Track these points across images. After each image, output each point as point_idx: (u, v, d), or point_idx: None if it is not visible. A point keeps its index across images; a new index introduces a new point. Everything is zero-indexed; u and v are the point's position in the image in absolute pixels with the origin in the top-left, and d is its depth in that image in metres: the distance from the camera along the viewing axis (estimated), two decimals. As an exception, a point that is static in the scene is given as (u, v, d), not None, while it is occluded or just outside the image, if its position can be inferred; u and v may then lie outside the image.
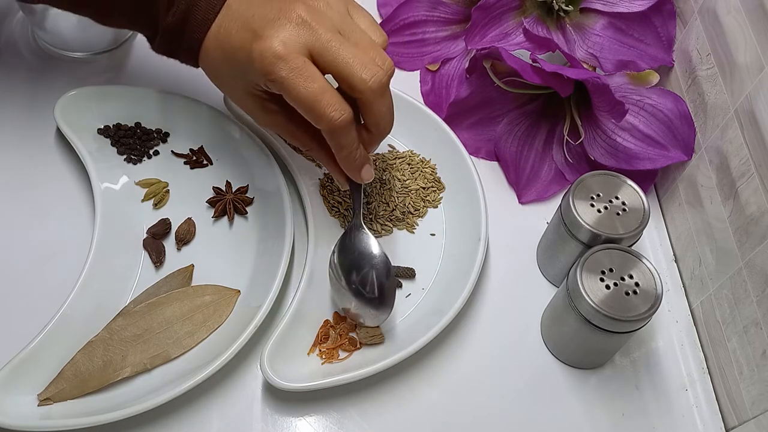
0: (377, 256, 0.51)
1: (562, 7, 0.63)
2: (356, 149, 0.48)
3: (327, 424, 0.50)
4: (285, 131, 0.50)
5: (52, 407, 0.47)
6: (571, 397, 0.53)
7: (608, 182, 0.53)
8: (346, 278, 0.51)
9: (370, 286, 0.50)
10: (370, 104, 0.46)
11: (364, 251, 0.51)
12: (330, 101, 0.44)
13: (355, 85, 0.45)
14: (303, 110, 0.45)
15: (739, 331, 0.50)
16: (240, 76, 0.47)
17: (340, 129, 0.45)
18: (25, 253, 0.55)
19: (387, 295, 0.51)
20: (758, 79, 0.49)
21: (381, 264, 0.51)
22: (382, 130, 0.48)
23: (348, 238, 0.52)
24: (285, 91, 0.44)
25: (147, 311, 0.52)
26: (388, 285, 0.50)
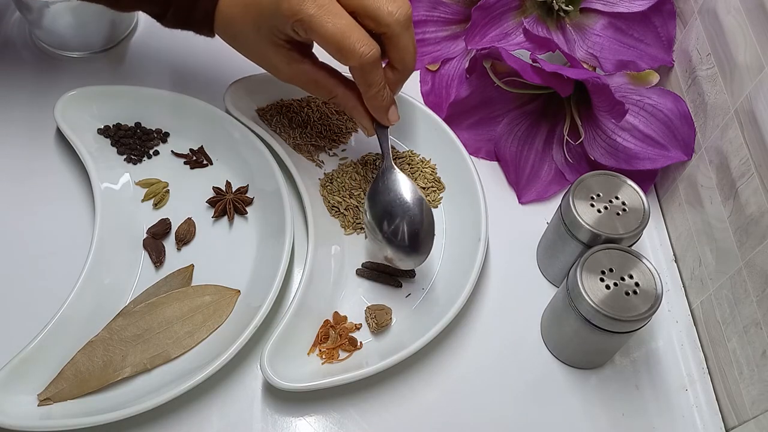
0: (410, 202, 0.51)
1: (562, 7, 0.63)
2: (383, 88, 0.49)
3: (327, 424, 0.50)
4: (309, 80, 0.50)
5: (52, 407, 0.47)
6: (571, 397, 0.53)
7: (608, 182, 0.53)
8: (379, 227, 0.51)
9: (401, 234, 0.50)
10: (396, 38, 0.47)
11: (397, 194, 0.51)
12: (359, 37, 0.45)
13: (382, 18, 0.45)
14: (332, 47, 0.45)
15: (739, 331, 0.50)
16: (264, 27, 0.47)
17: (370, 65, 0.46)
18: (25, 253, 0.55)
19: (423, 242, 0.50)
20: (758, 79, 0.49)
21: (415, 209, 0.50)
22: (407, 65, 0.49)
23: (381, 181, 0.52)
24: (313, 30, 0.44)
25: (147, 311, 0.52)
26: (423, 231, 0.50)
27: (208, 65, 0.68)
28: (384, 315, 0.53)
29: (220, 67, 0.67)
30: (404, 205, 0.50)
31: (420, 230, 0.50)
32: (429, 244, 0.51)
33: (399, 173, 0.52)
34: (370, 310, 0.54)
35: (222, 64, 0.68)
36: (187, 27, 0.51)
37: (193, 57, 0.68)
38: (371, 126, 0.53)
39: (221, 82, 0.62)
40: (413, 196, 0.51)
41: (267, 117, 0.63)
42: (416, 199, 0.51)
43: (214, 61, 0.68)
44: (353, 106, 0.52)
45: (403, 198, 0.51)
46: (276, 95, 0.64)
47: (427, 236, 0.50)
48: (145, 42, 0.69)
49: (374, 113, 0.51)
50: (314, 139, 0.63)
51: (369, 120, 0.52)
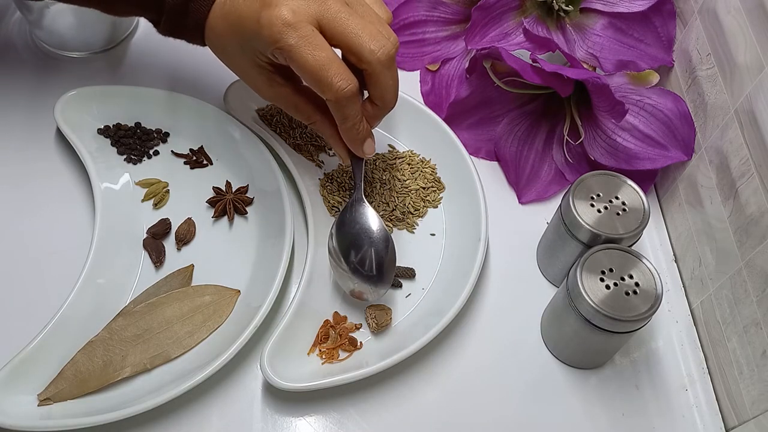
0: (376, 231, 0.51)
1: (562, 7, 0.63)
2: (360, 122, 0.49)
3: (327, 424, 0.50)
4: (289, 104, 0.51)
5: (52, 407, 0.47)
6: (571, 397, 0.53)
7: (608, 182, 0.53)
8: (345, 257, 0.51)
9: (369, 263, 0.51)
10: (377, 76, 0.47)
11: (364, 226, 0.52)
12: (337, 71, 0.44)
13: (364, 56, 0.45)
14: (310, 79, 0.45)
15: (739, 331, 0.50)
16: (246, 47, 0.47)
17: (346, 99, 0.46)
18: (25, 253, 0.55)
19: (386, 272, 0.51)
20: (758, 79, 0.49)
21: (380, 239, 0.51)
22: (387, 103, 0.49)
23: (348, 212, 0.53)
24: (292, 60, 0.44)
25: (147, 311, 0.52)
26: (387, 261, 0.51)
27: (208, 65, 0.68)
28: (384, 315, 0.53)
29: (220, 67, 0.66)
30: (371, 237, 0.51)
31: (384, 261, 0.51)
32: (391, 274, 0.52)
33: (368, 207, 0.53)
34: (370, 310, 0.54)
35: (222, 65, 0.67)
36: (180, 35, 0.52)
37: (193, 57, 0.68)
38: (346, 156, 0.53)
39: (221, 82, 0.62)
40: (379, 229, 0.52)
41: (267, 117, 0.63)
42: (382, 232, 0.52)
43: (214, 62, 0.68)
44: (330, 135, 0.52)
45: (370, 229, 0.52)
46: (276, 95, 0.64)
47: (390, 267, 0.51)
48: (145, 42, 0.69)
49: (349, 145, 0.51)
50: (314, 139, 0.63)
51: (345, 150, 0.52)
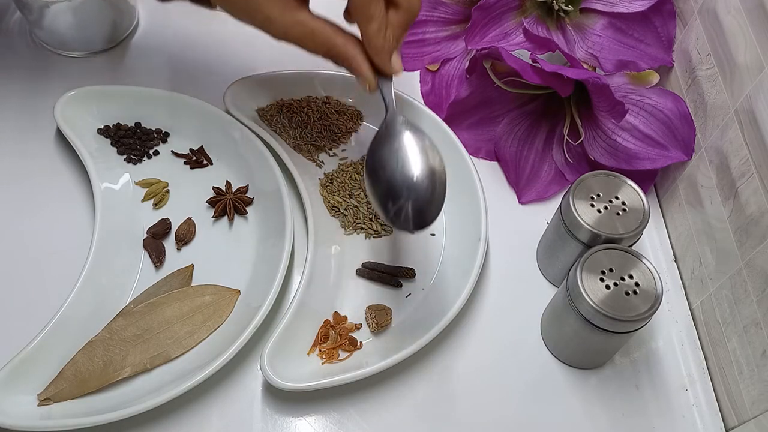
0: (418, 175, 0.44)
1: (562, 7, 0.63)
2: (385, 25, 0.46)
3: (327, 424, 0.50)
4: (306, 32, 0.47)
5: (52, 407, 0.47)
6: (571, 397, 0.53)
7: (608, 182, 0.53)
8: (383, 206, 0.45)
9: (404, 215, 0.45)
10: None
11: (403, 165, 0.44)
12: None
13: None
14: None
15: (739, 331, 0.50)
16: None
17: None
18: (25, 253, 0.55)
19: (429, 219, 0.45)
20: (758, 79, 0.49)
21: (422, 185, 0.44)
22: (413, 5, 0.47)
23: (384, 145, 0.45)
24: None
25: (147, 311, 0.52)
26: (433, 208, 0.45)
27: (208, 65, 0.68)
28: (384, 315, 0.53)
29: (220, 67, 0.67)
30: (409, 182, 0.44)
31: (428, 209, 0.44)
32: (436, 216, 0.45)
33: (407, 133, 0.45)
34: (370, 310, 0.54)
35: (222, 64, 0.68)
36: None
37: (193, 57, 0.68)
38: (373, 76, 0.48)
39: (221, 82, 0.62)
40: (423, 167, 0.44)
41: (267, 117, 0.63)
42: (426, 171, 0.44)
43: (214, 61, 0.68)
44: (353, 55, 0.47)
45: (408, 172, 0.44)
46: (276, 95, 0.64)
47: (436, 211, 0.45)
48: (145, 42, 0.69)
49: (376, 57, 0.47)
50: (314, 139, 0.63)
51: (370, 69, 0.47)
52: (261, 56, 0.69)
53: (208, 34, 0.71)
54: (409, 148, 0.45)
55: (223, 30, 0.71)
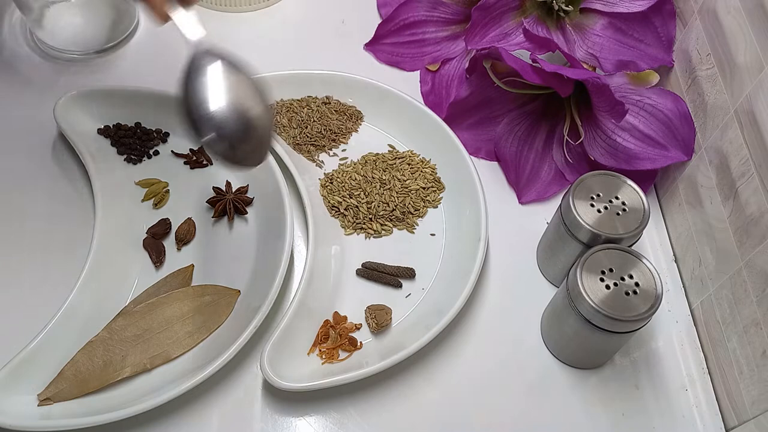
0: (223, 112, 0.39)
1: (562, 7, 0.63)
2: None
3: (327, 424, 0.50)
4: None
5: (52, 407, 0.47)
6: (571, 397, 0.53)
7: (608, 182, 0.53)
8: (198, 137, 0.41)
9: (219, 149, 0.41)
10: None
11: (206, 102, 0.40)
12: None
13: None
14: None
15: (739, 331, 0.50)
16: None
17: None
18: (25, 253, 0.55)
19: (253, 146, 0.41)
20: (758, 79, 0.49)
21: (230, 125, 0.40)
22: None
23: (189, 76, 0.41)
24: None
25: (147, 311, 0.52)
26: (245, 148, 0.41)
27: (208, 65, 0.68)
28: (384, 315, 0.53)
29: (220, 67, 0.67)
30: (210, 117, 0.40)
31: (242, 146, 0.40)
32: (255, 153, 0.41)
33: (209, 68, 0.40)
34: (370, 310, 0.54)
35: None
36: None
37: (193, 57, 0.68)
38: (162, 5, 0.40)
39: (221, 82, 0.62)
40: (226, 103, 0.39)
41: (267, 117, 0.63)
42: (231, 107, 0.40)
43: (214, 61, 0.68)
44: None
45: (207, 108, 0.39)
46: (276, 95, 0.64)
47: (252, 147, 0.41)
48: (145, 42, 0.69)
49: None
50: (314, 139, 0.63)
51: None
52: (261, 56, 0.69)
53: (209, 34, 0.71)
54: (211, 82, 0.40)
55: (223, 30, 0.71)
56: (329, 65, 0.66)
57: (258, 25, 0.72)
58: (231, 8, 0.72)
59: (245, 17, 0.73)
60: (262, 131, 0.42)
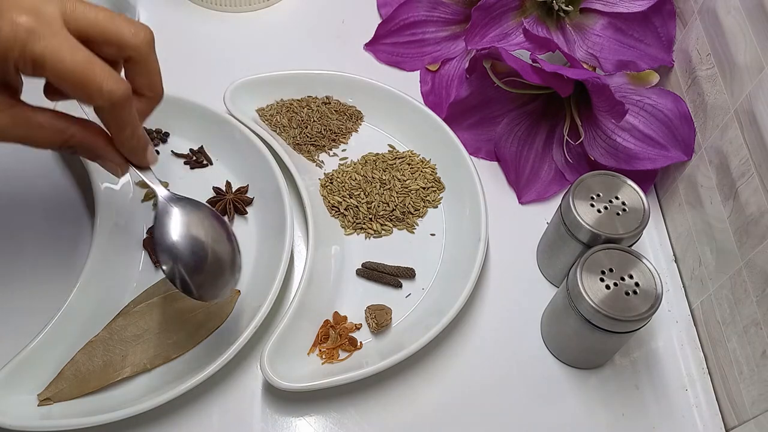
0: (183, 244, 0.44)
1: (562, 7, 0.63)
2: (138, 126, 0.41)
3: (327, 424, 0.50)
4: (33, 125, 0.39)
5: (52, 407, 0.47)
6: (571, 397, 0.53)
7: (608, 182, 0.53)
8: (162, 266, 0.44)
9: (179, 280, 0.44)
10: (144, 61, 0.40)
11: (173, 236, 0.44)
12: (104, 70, 0.37)
13: (126, 41, 0.39)
14: (73, 86, 0.37)
15: (739, 331, 0.50)
16: None
17: (122, 101, 0.38)
18: (25, 253, 0.55)
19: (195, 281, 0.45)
20: (758, 79, 0.49)
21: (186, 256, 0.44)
22: (158, 91, 0.43)
23: (159, 220, 0.44)
24: (48, 68, 0.36)
25: (147, 311, 0.52)
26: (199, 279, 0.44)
27: (208, 65, 0.68)
28: (384, 315, 0.53)
29: (220, 67, 0.67)
30: (170, 246, 0.44)
31: (196, 277, 0.44)
32: (210, 284, 0.45)
33: (175, 209, 0.44)
34: (370, 310, 0.54)
35: (222, 65, 0.68)
36: None
37: (193, 57, 0.68)
38: (125, 163, 0.44)
39: (221, 82, 0.62)
40: (182, 234, 0.44)
41: (267, 117, 0.63)
42: (188, 238, 0.44)
43: (214, 62, 0.68)
44: (98, 146, 0.42)
45: (169, 239, 0.44)
46: (276, 95, 0.64)
47: (205, 279, 0.45)
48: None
49: (131, 156, 0.43)
50: (314, 139, 0.63)
51: (123, 158, 0.43)
52: (261, 56, 0.69)
53: (209, 35, 0.71)
54: (174, 221, 0.45)
55: (223, 30, 0.71)
56: (329, 65, 0.66)
57: (258, 25, 0.72)
58: (231, 8, 0.72)
59: (245, 17, 0.73)
60: (218, 265, 0.46)
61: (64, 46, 0.36)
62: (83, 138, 0.41)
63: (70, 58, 0.36)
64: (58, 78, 0.37)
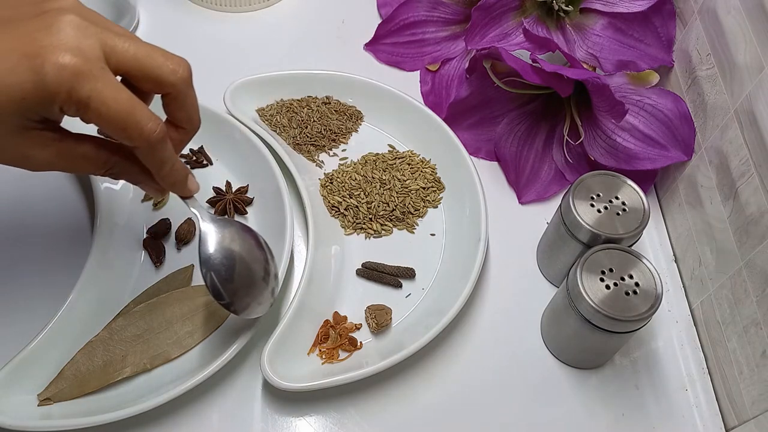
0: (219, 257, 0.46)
1: (562, 7, 0.63)
2: (177, 160, 0.42)
3: (327, 424, 0.50)
4: (77, 157, 0.40)
5: (52, 407, 0.47)
6: (571, 397, 0.53)
7: (608, 182, 0.53)
8: None
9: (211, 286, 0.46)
10: (183, 96, 0.40)
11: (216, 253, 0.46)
12: (144, 112, 0.37)
13: (165, 77, 0.38)
14: (115, 127, 0.37)
15: (739, 331, 0.50)
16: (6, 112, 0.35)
17: (160, 141, 0.38)
18: (25, 253, 0.55)
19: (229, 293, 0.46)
20: (758, 79, 0.49)
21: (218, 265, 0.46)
22: (195, 124, 0.43)
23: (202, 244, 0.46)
24: (92, 110, 0.36)
25: (147, 311, 0.52)
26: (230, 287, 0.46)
27: (208, 65, 0.68)
28: (384, 315, 0.53)
29: (220, 68, 0.67)
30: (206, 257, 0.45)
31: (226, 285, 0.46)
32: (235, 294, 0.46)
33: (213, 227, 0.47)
34: (370, 310, 0.54)
35: (222, 65, 0.68)
36: None
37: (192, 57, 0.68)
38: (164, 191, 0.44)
39: (221, 83, 0.62)
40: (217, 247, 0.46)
41: (267, 117, 0.63)
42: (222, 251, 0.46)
43: (214, 62, 0.68)
44: (138, 172, 0.42)
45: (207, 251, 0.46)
46: (276, 95, 0.64)
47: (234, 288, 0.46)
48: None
49: (172, 189, 0.43)
50: (314, 139, 0.63)
51: (160, 189, 0.44)
52: (261, 56, 0.69)
53: (208, 35, 0.71)
54: (210, 236, 0.46)
55: (223, 30, 0.71)
56: (329, 65, 0.66)
57: (258, 25, 0.72)
58: (231, 8, 0.72)
59: (245, 17, 0.73)
60: (249, 278, 0.47)
61: (108, 88, 0.36)
62: (124, 168, 0.42)
63: (113, 101, 0.36)
64: (99, 120, 0.37)
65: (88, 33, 0.36)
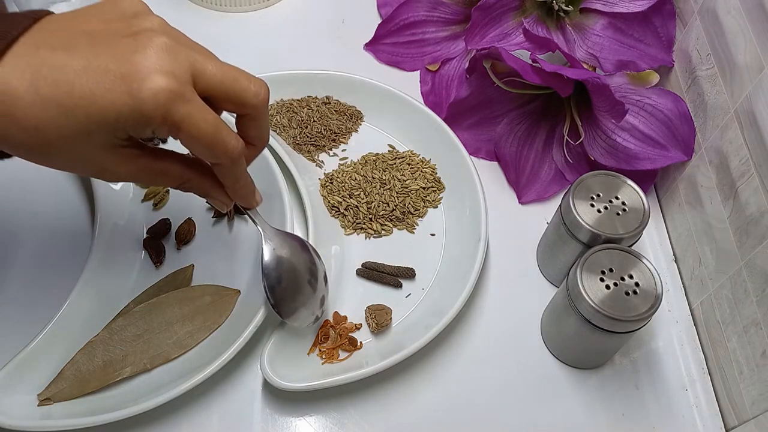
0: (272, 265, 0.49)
1: (562, 7, 0.63)
2: (248, 175, 0.44)
3: (327, 424, 0.50)
4: (155, 172, 0.41)
5: (52, 407, 0.47)
6: (571, 397, 0.53)
7: (608, 182, 0.53)
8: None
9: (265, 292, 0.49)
10: (260, 118, 0.42)
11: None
12: (227, 131, 0.39)
13: (248, 100, 0.40)
14: (203, 147, 0.38)
15: (739, 331, 0.50)
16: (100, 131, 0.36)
17: (239, 158, 0.40)
18: (25, 253, 0.55)
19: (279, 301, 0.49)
20: (758, 79, 0.49)
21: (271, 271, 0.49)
22: (265, 142, 0.44)
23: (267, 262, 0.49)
24: (184, 132, 0.37)
25: (147, 311, 0.52)
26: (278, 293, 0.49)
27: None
28: (384, 315, 0.53)
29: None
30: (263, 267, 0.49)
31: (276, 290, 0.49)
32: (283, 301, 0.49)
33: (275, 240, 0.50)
34: (370, 310, 0.54)
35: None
36: None
37: (193, 57, 0.68)
38: (231, 202, 0.46)
39: (221, 82, 0.62)
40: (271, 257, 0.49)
41: (267, 117, 0.63)
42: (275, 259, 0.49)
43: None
44: (211, 186, 0.44)
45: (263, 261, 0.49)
46: (276, 95, 0.64)
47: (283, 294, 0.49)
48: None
49: (242, 201, 0.46)
50: (314, 139, 0.63)
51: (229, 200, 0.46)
52: (261, 56, 0.69)
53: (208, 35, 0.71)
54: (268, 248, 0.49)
55: (223, 30, 0.71)
56: (329, 65, 0.66)
57: (258, 25, 0.72)
58: (231, 8, 0.72)
59: (245, 17, 0.73)
60: (295, 284, 0.50)
61: (198, 111, 0.37)
62: (198, 182, 0.43)
63: (204, 122, 0.37)
64: (190, 140, 0.38)
65: (180, 57, 0.37)
